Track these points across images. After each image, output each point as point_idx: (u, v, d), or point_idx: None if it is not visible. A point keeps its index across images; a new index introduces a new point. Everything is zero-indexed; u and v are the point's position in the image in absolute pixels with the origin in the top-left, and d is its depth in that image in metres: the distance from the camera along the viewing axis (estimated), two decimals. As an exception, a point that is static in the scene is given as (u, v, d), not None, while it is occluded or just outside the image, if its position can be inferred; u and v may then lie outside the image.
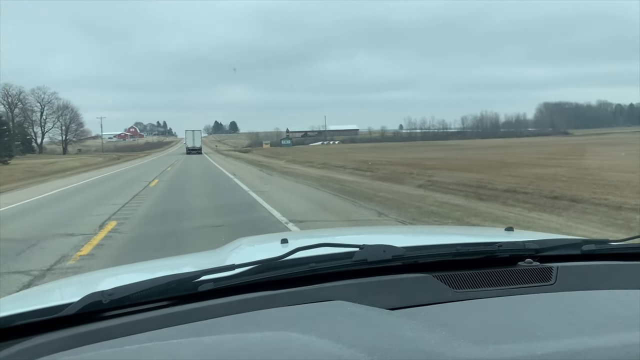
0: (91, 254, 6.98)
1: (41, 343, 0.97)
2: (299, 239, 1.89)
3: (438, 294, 1.19)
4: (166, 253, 6.45)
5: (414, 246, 1.41)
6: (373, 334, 0.92)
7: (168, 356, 0.83)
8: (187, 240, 7.73)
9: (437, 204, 11.39)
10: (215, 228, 8.77)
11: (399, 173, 20.53)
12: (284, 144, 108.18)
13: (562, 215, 9.67)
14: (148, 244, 7.83)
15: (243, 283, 1.21)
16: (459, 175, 17.19)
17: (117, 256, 6.79)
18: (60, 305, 1.10)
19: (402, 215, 10.10)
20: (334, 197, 13.62)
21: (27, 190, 19.12)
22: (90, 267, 6.10)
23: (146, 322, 1.05)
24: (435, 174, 18.61)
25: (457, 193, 13.57)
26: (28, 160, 49.05)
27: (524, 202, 11.38)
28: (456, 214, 10.00)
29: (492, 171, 18.72)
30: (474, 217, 9.65)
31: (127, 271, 1.82)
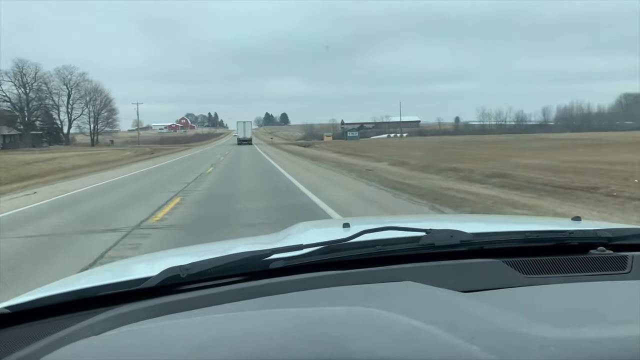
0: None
1: (127, 312, 1.02)
2: (361, 223, 1.75)
3: (508, 279, 1.17)
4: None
5: (480, 232, 1.42)
6: (448, 312, 0.92)
7: (258, 324, 0.84)
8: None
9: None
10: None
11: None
12: (351, 136, 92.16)
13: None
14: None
15: (311, 262, 1.23)
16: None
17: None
18: (140, 279, 1.15)
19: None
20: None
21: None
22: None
23: (221, 295, 1.08)
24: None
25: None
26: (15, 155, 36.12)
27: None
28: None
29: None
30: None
31: (197, 250, 1.80)
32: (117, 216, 9.70)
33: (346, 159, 30.81)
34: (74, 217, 9.84)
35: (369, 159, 30.22)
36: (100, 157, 36.99)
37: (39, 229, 8.59)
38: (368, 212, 9.91)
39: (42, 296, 1.21)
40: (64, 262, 6.15)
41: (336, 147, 50.66)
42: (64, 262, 6.15)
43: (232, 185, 16.09)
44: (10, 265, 6.02)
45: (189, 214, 9.92)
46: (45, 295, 1.20)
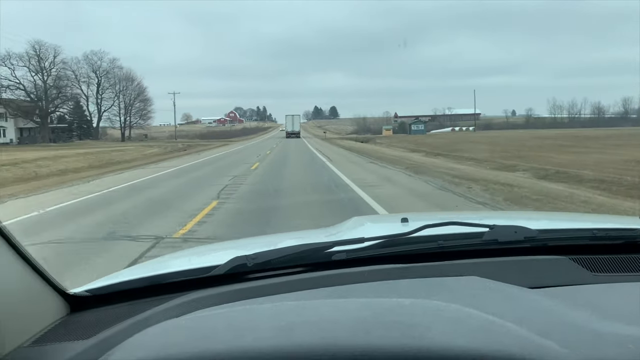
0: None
1: (200, 297, 1.05)
2: (420, 219, 1.65)
3: (576, 276, 1.14)
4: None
5: (546, 229, 1.39)
6: (518, 307, 0.89)
7: (334, 310, 0.84)
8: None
9: None
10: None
11: None
12: (416, 129, 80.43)
13: None
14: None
15: (372, 255, 1.23)
16: None
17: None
18: (208, 267, 1.20)
19: None
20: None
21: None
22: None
23: (286, 284, 1.09)
24: None
25: None
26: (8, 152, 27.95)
27: None
28: None
29: None
30: None
31: (258, 242, 1.81)
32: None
33: (439, 162, 20.78)
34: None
35: (472, 161, 20.08)
36: (109, 157, 28.41)
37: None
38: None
39: (118, 281, 1.27)
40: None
41: (405, 143, 40.43)
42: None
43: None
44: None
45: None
46: (121, 281, 1.27)
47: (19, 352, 0.92)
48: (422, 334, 0.70)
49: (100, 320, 1.06)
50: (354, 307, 0.85)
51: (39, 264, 1.07)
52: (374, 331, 0.72)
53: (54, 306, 1.10)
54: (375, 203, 9.39)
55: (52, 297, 1.11)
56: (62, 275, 3.86)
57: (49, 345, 0.95)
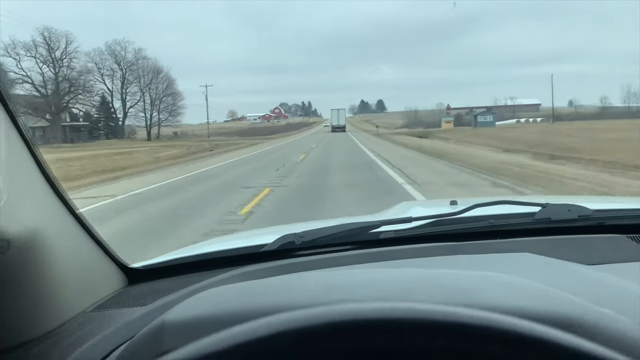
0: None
1: (252, 270, 1.10)
2: (469, 202, 1.57)
3: (635, 254, 1.11)
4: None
5: (601, 209, 1.35)
6: (574, 280, 0.87)
7: (376, 277, 0.82)
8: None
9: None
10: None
11: None
12: (483, 121, 69.59)
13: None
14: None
15: (422, 234, 1.22)
16: None
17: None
18: (259, 245, 1.25)
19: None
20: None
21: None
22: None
23: (334, 260, 1.11)
24: None
25: None
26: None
27: None
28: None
29: None
30: None
31: (310, 224, 1.69)
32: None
33: (590, 175, 12.32)
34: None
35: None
36: (108, 162, 21.52)
37: None
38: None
39: (174, 257, 1.33)
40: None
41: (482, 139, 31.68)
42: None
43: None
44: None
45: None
46: (177, 257, 1.33)
47: (82, 316, 0.98)
48: (472, 296, 0.68)
49: (158, 290, 1.11)
50: (402, 275, 0.84)
51: (105, 241, 1.14)
52: (424, 291, 0.70)
53: (115, 278, 1.17)
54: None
55: (114, 270, 1.17)
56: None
57: (110, 310, 1.02)
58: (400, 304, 0.60)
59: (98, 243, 1.12)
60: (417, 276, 0.79)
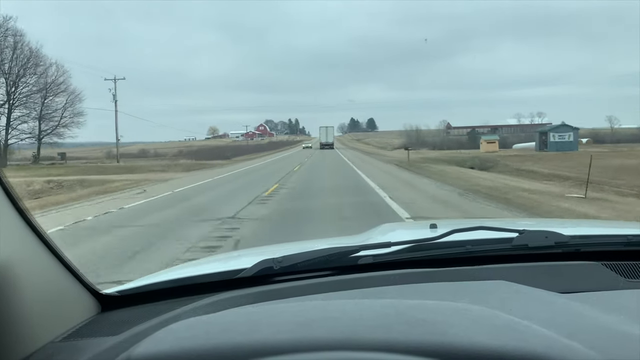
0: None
1: (227, 298, 1.07)
2: (448, 225, 1.60)
3: (608, 282, 1.10)
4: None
5: (578, 235, 1.34)
6: (545, 310, 0.86)
7: (358, 308, 0.83)
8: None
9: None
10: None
11: None
12: (559, 141, 47.20)
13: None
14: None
15: (399, 260, 1.21)
16: None
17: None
18: (237, 270, 1.21)
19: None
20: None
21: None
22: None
23: (312, 287, 1.10)
24: None
25: None
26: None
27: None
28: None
29: None
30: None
31: (287, 247, 1.71)
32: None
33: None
34: None
35: None
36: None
37: None
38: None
39: (148, 283, 1.28)
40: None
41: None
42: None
43: None
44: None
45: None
46: (152, 282, 1.28)
47: (50, 347, 0.94)
48: (445, 330, 0.69)
49: (130, 319, 1.07)
50: (377, 306, 0.84)
51: (76, 267, 1.10)
52: (395, 327, 0.71)
53: (86, 305, 1.12)
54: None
55: (85, 297, 1.13)
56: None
57: (80, 340, 0.98)
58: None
59: (69, 269, 1.08)
60: (392, 310, 0.79)
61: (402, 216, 9.36)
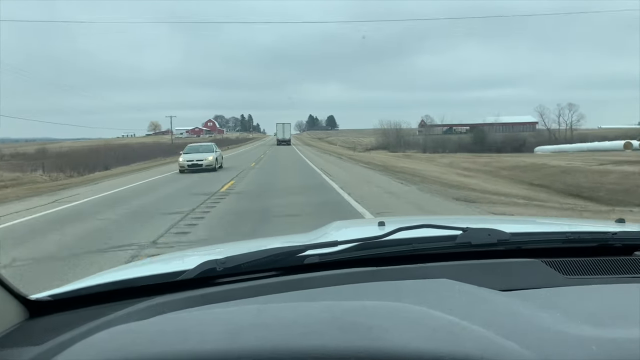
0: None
1: (165, 302, 1.01)
2: (396, 223, 1.60)
3: (548, 279, 1.11)
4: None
5: (519, 232, 1.36)
6: (485, 309, 0.88)
7: (293, 312, 0.82)
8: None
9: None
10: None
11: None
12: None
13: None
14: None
15: (346, 259, 1.20)
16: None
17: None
18: (178, 272, 1.15)
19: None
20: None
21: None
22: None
23: (256, 288, 1.06)
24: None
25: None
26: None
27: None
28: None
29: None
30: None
31: (235, 246, 1.74)
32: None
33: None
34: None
35: None
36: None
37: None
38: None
39: (84, 286, 1.20)
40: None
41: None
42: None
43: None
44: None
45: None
46: (87, 285, 1.20)
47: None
48: (379, 335, 0.69)
49: (59, 325, 0.99)
50: (314, 310, 0.83)
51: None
52: (329, 333, 0.70)
53: (11, 312, 1.05)
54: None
55: (10, 303, 1.05)
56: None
57: (1, 350, 0.91)
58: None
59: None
60: (328, 314, 0.78)
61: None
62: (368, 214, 8.70)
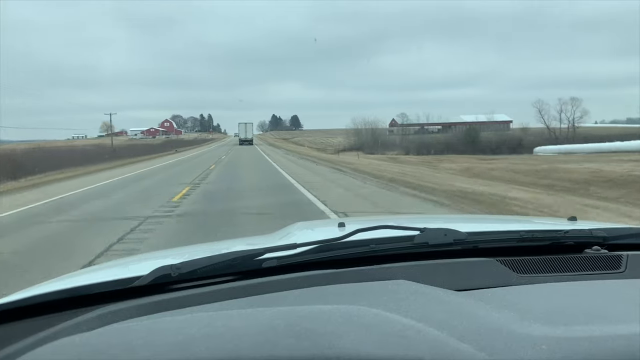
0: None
1: (118, 309, 0.98)
2: (356, 223, 1.64)
3: (502, 278, 1.13)
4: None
5: (475, 232, 1.37)
6: (441, 310, 0.88)
7: (245, 321, 0.81)
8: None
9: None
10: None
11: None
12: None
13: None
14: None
15: (304, 261, 1.19)
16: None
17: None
18: (132, 278, 1.11)
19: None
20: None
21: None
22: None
23: (212, 294, 1.04)
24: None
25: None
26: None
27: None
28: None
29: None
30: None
31: (192, 250, 1.69)
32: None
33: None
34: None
35: None
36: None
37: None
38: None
39: (31, 295, 1.13)
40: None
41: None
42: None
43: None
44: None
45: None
46: (35, 294, 1.13)
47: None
48: (332, 342, 0.69)
49: (2, 339, 0.92)
50: (269, 316, 0.82)
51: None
52: (282, 341, 0.70)
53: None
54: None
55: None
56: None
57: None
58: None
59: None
60: (281, 321, 0.77)
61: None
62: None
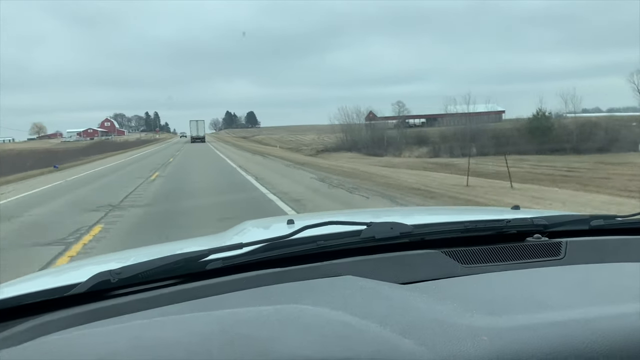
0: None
1: (51, 320, 0.92)
2: (305, 219, 1.61)
3: (447, 269, 1.14)
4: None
5: (421, 224, 1.37)
6: (385, 306, 0.88)
7: (178, 329, 0.79)
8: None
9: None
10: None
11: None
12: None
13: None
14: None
15: (251, 261, 1.16)
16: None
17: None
18: (69, 285, 1.04)
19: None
20: None
21: None
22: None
23: (155, 299, 1.00)
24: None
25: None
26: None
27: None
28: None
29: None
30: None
31: (135, 254, 1.66)
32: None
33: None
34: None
35: None
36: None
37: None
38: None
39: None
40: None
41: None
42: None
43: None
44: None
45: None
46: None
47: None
48: (268, 347, 0.68)
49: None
50: (205, 322, 0.79)
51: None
52: (217, 349, 0.68)
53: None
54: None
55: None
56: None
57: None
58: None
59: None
60: (216, 326, 0.76)
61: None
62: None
